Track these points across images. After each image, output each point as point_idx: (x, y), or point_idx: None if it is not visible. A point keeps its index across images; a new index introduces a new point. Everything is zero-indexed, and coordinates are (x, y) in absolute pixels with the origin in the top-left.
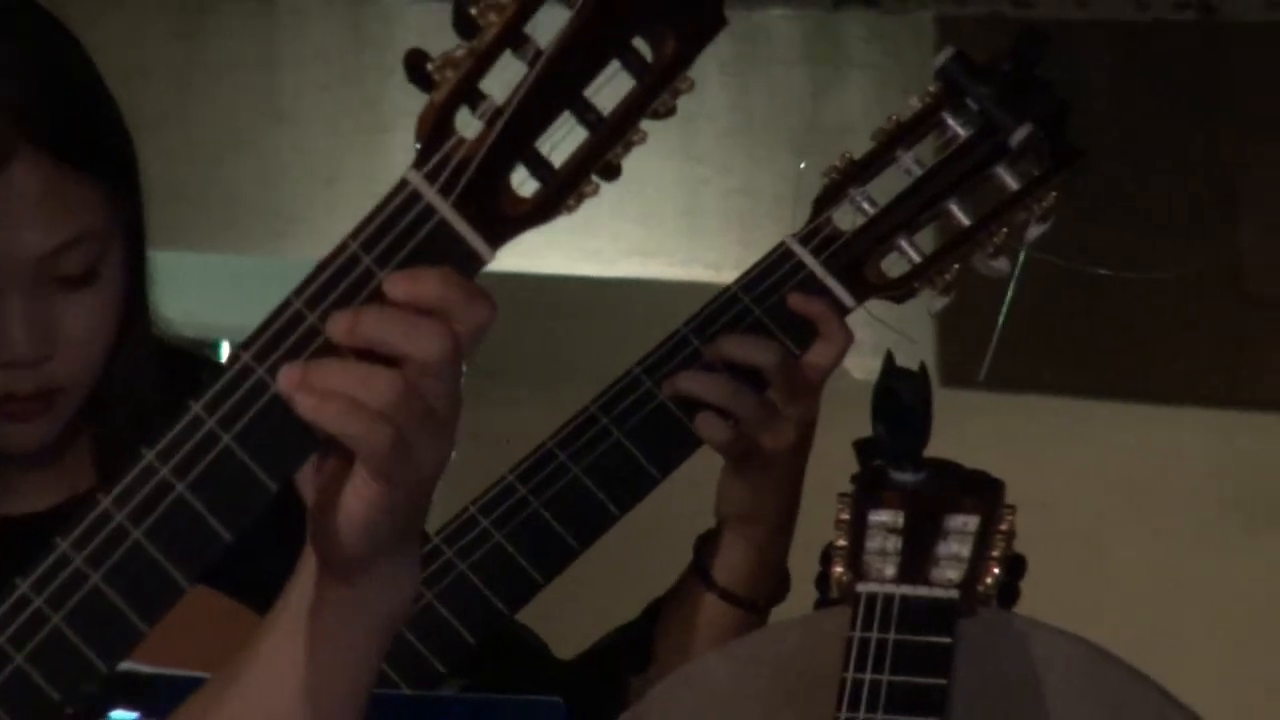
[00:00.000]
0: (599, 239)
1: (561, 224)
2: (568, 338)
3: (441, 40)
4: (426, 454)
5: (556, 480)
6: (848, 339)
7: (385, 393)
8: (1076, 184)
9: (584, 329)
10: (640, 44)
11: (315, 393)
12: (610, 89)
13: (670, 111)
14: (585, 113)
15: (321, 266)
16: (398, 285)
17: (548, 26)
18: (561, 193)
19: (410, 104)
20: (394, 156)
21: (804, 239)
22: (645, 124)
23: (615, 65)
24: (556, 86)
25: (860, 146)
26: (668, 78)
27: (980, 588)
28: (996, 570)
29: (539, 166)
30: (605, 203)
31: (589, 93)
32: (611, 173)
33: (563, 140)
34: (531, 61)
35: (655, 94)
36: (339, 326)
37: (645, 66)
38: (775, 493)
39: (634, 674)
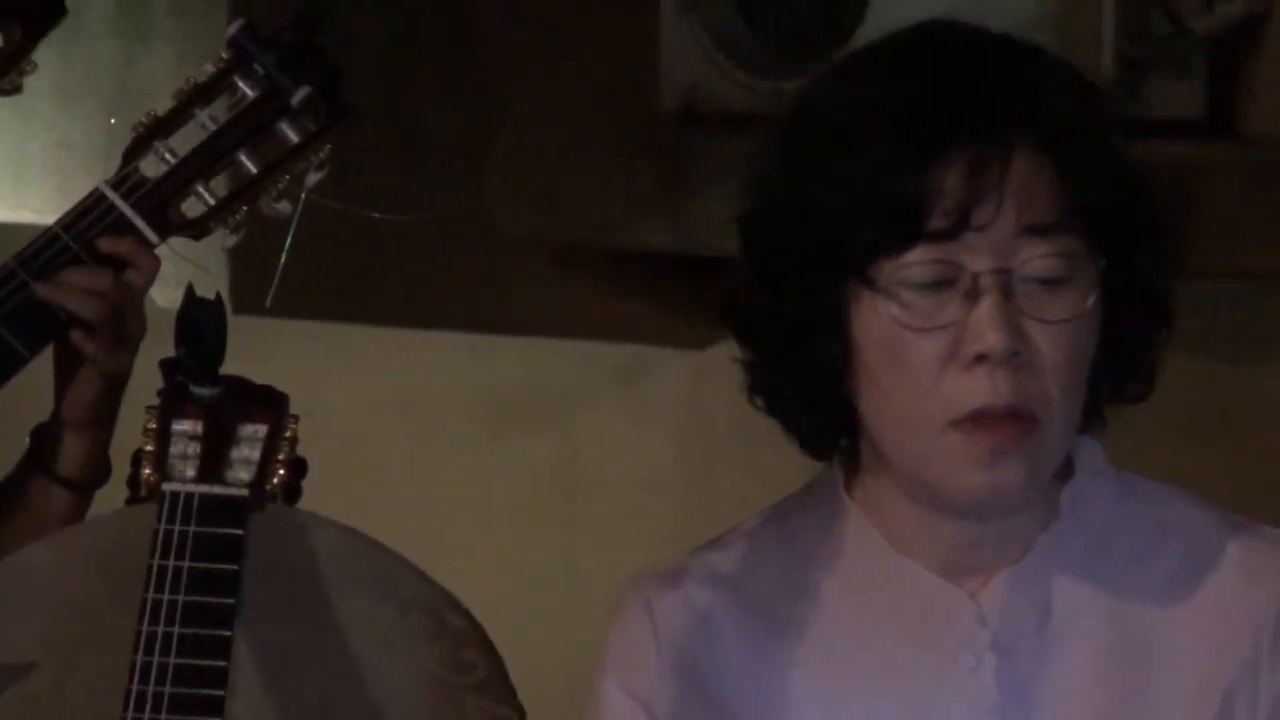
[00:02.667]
0: None
1: None
2: None
3: None
4: None
5: None
6: (156, 262)
7: None
8: (353, 135)
9: None
10: None
11: None
12: None
13: (16, 89)
14: None
15: None
16: None
17: None
18: None
19: None
20: None
21: (115, 185)
22: None
23: None
24: None
25: (165, 107)
26: (13, 61)
27: (268, 486)
28: (282, 472)
29: None
30: None
31: None
32: None
33: None
34: None
35: (1, 75)
36: None
37: None
38: (113, 398)
39: None
